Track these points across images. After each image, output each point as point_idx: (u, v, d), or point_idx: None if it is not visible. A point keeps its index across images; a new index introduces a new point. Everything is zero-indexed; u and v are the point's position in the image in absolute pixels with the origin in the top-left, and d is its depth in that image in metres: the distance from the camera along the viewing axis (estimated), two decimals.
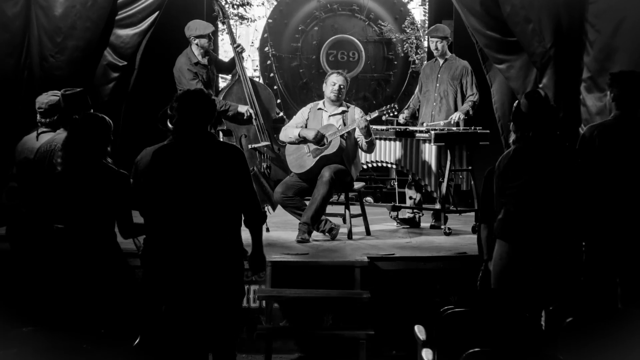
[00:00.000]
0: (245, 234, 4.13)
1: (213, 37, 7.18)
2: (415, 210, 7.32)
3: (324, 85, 6.74)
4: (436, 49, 7.26)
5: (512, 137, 4.43)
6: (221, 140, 4.16)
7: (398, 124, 7.34)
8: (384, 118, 6.93)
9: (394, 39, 9.71)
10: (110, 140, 4.41)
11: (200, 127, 4.02)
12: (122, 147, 6.55)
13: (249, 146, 7.06)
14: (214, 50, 7.76)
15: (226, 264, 3.99)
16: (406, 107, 7.59)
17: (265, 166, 7.07)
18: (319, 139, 6.56)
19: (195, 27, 7.05)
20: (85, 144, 4.29)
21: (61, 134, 4.67)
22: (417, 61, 9.65)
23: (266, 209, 6.94)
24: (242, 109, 7.01)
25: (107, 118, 4.47)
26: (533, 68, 6.74)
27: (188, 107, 4.01)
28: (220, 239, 3.97)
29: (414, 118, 7.45)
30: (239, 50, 7.17)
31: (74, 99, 4.92)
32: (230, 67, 7.42)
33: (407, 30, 9.74)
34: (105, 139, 4.38)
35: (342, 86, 6.64)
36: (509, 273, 4.30)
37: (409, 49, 9.71)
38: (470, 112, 7.15)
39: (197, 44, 7.01)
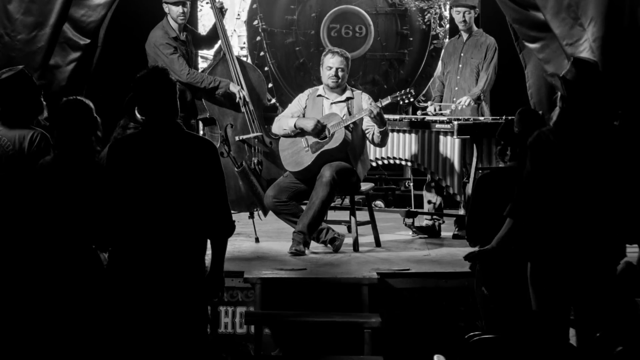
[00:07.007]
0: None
1: (188, 10, 7.15)
2: (434, 217, 7.32)
3: (321, 68, 6.72)
4: (463, 20, 7.28)
5: (556, 113, 4.38)
6: (192, 132, 4.20)
7: (423, 113, 7.36)
8: (398, 105, 6.94)
9: (413, 8, 9.64)
10: (95, 126, 4.56)
11: (163, 114, 4.02)
12: None
13: (236, 138, 7.04)
14: (191, 25, 7.74)
15: (189, 281, 4.00)
16: (432, 98, 7.60)
17: (255, 162, 7.05)
18: (319, 131, 6.54)
19: None
20: (69, 134, 4.43)
21: (12, 131, 4.71)
22: (440, 35, 9.60)
23: (256, 214, 6.94)
24: (234, 88, 7.01)
25: (85, 100, 4.56)
26: None
27: (146, 93, 4.03)
28: (185, 249, 3.98)
29: None
30: (218, 6, 7.16)
31: (13, 82, 4.89)
32: (211, 39, 7.42)
33: None
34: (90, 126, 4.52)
35: (339, 69, 6.59)
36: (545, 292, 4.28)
37: (432, 20, 9.64)
38: (482, 97, 7.19)
39: (169, 14, 7.02)
